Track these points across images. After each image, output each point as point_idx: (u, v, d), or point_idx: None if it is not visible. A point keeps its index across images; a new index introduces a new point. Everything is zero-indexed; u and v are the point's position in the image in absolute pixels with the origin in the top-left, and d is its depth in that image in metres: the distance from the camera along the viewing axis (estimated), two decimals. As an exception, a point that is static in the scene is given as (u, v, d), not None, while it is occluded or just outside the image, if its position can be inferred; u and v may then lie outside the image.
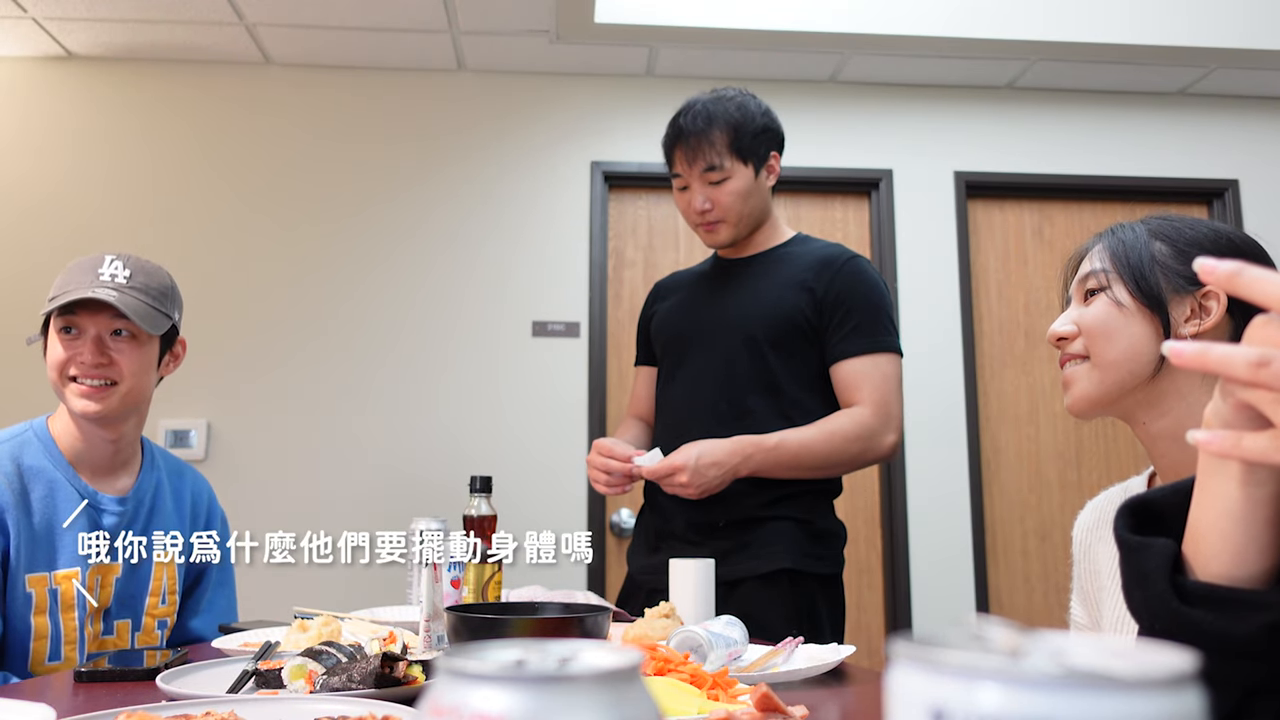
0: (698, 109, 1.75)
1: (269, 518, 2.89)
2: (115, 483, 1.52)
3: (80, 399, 1.44)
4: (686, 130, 1.74)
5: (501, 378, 3.13)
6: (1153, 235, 1.03)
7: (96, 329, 1.45)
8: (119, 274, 1.46)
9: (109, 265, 1.46)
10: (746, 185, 1.75)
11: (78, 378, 1.44)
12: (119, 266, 1.47)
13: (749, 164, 1.75)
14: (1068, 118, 3.45)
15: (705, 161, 1.73)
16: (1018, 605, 3.18)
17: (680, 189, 1.79)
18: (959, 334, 3.28)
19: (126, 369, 1.46)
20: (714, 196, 1.75)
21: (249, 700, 0.85)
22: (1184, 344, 0.58)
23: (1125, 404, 1.02)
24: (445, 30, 3.03)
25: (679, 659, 0.99)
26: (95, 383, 1.44)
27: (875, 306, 1.72)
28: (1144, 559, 0.69)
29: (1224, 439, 0.59)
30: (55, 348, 1.46)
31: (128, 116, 3.19)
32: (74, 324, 1.45)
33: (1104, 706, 0.26)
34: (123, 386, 1.46)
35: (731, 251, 1.86)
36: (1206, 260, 0.57)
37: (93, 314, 1.45)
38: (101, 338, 1.45)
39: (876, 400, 1.67)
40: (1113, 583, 1.08)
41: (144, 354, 1.49)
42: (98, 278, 1.45)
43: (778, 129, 1.81)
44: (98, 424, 1.46)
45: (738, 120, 1.74)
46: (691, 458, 1.59)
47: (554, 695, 0.29)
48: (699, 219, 1.77)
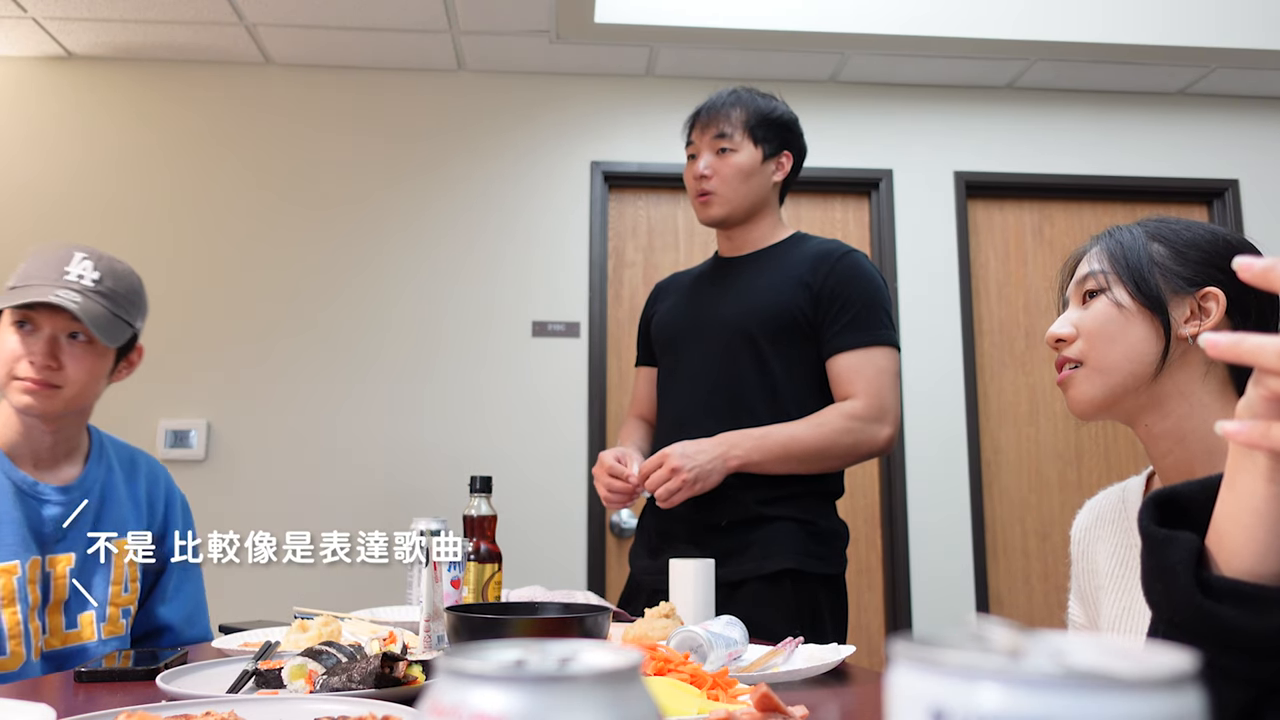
0: (725, 91, 1.84)
1: (268, 518, 2.90)
2: (58, 473, 1.46)
3: (22, 394, 1.38)
4: (710, 103, 1.82)
5: (501, 378, 3.13)
6: (1151, 237, 1.03)
7: (53, 329, 1.39)
8: (87, 274, 1.39)
9: (77, 263, 1.39)
10: (750, 164, 1.78)
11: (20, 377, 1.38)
12: (88, 266, 1.40)
13: (759, 146, 1.79)
14: (1068, 118, 3.45)
15: (717, 129, 1.78)
16: (1018, 605, 3.18)
17: (690, 157, 1.84)
18: (959, 334, 3.28)
19: (74, 375, 1.40)
20: (716, 165, 1.78)
21: (249, 700, 0.85)
22: (1218, 335, 0.59)
23: (1127, 406, 1.02)
24: (445, 30, 3.03)
25: (679, 659, 0.99)
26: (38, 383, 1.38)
27: (870, 300, 1.72)
28: (1168, 552, 0.69)
29: (1252, 429, 0.59)
30: (8, 340, 1.39)
31: (128, 116, 3.19)
32: (30, 319, 1.39)
33: (1104, 706, 0.26)
34: (67, 392, 1.40)
35: (730, 250, 1.86)
36: (1244, 258, 0.59)
37: (51, 315, 1.39)
38: (56, 339, 1.39)
39: (870, 393, 1.67)
40: (1111, 582, 1.08)
41: (96, 362, 1.44)
42: (63, 276, 1.38)
43: (798, 134, 1.85)
44: (36, 418, 1.42)
45: (760, 105, 1.81)
46: (677, 448, 1.61)
47: (554, 695, 0.29)
48: (697, 185, 1.81)
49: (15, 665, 1.34)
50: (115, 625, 1.47)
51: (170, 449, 3.00)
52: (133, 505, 1.54)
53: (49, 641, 1.40)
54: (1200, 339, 0.61)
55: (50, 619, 1.41)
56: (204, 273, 3.10)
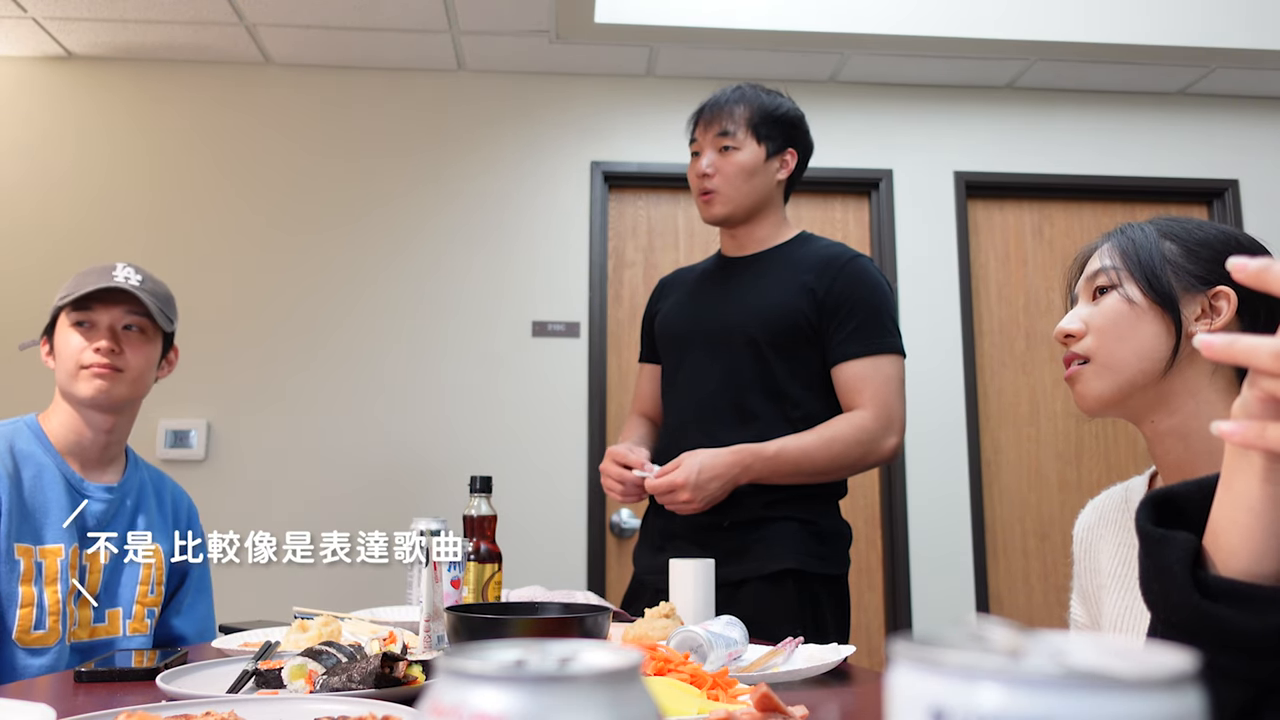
0: (731, 87, 1.82)
1: (268, 518, 2.90)
2: (103, 475, 1.59)
3: (92, 379, 1.52)
4: (714, 100, 1.81)
5: (501, 378, 3.13)
6: (1162, 235, 1.03)
7: (110, 320, 1.55)
8: (131, 277, 1.56)
9: (121, 270, 1.57)
10: (753, 163, 1.77)
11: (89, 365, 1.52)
12: (130, 271, 1.57)
13: (762, 144, 1.77)
14: (1068, 118, 3.45)
15: (720, 127, 1.77)
16: (1018, 605, 3.18)
17: (694, 155, 1.82)
18: (959, 334, 3.28)
19: (133, 361, 1.56)
20: (719, 164, 1.77)
21: (249, 700, 0.85)
22: (1213, 336, 0.59)
23: (1135, 403, 1.02)
24: (445, 30, 3.03)
25: (679, 659, 0.99)
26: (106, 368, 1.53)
27: (876, 307, 1.71)
28: (1165, 552, 0.69)
29: (1247, 429, 0.60)
30: (70, 340, 1.54)
31: (128, 116, 3.19)
32: (88, 318, 1.55)
33: (1104, 706, 0.26)
34: (129, 375, 1.55)
35: (734, 248, 1.86)
36: (1238, 258, 0.59)
37: (108, 306, 1.55)
38: (115, 328, 1.55)
39: (878, 403, 1.67)
40: (1113, 582, 1.08)
41: (150, 350, 1.60)
42: (112, 279, 1.55)
43: (804, 131, 1.84)
44: (101, 409, 1.55)
45: (764, 103, 1.79)
46: (693, 473, 1.60)
47: (554, 695, 0.29)
48: (700, 184, 1.80)
49: (52, 641, 1.44)
50: (140, 624, 1.57)
51: (170, 449, 3.00)
52: (160, 517, 1.66)
53: (76, 633, 1.48)
54: (1195, 339, 0.60)
55: (80, 611, 1.50)
56: (204, 272, 3.10)
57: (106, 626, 1.53)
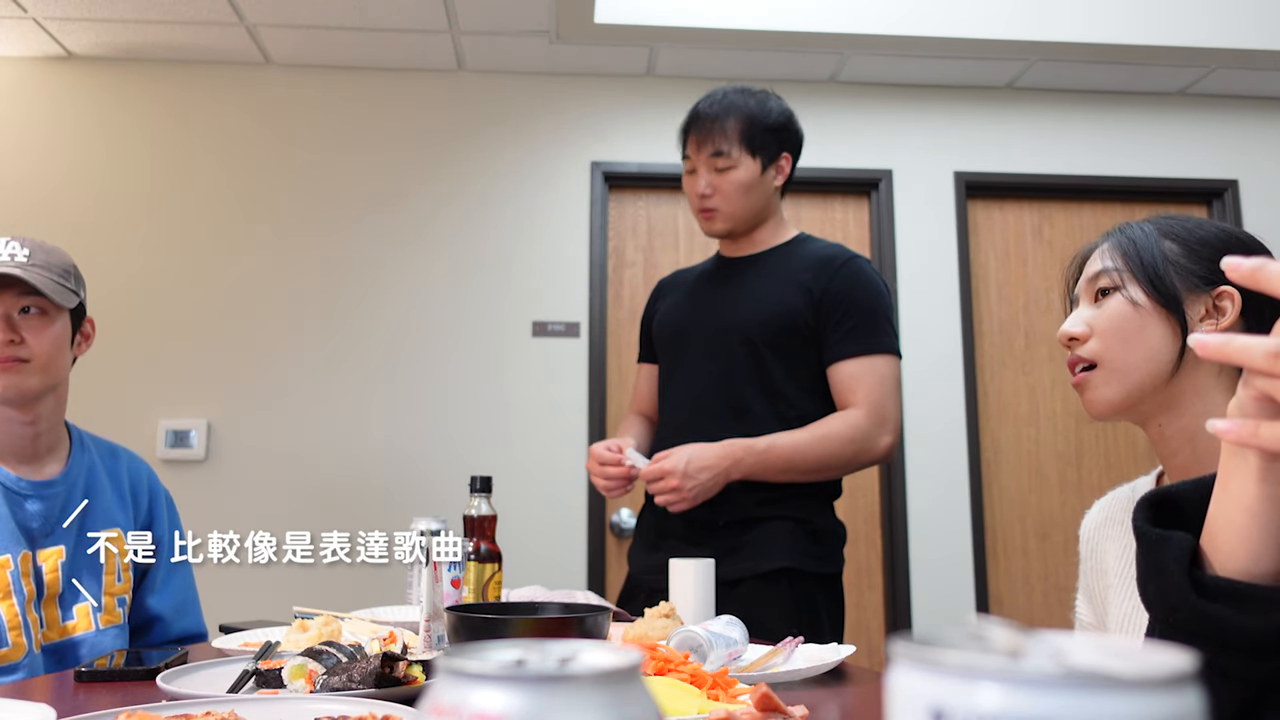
0: (718, 96, 1.78)
1: (268, 518, 2.90)
2: (40, 469, 1.47)
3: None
4: (703, 114, 1.77)
5: (501, 378, 3.13)
6: (1162, 234, 1.01)
7: (3, 309, 1.40)
8: (18, 254, 1.40)
9: (5, 246, 1.41)
10: (750, 178, 1.76)
11: None
12: (16, 247, 1.41)
13: (757, 158, 1.76)
14: (1068, 118, 3.45)
15: (714, 146, 1.75)
16: (1018, 605, 3.18)
17: (689, 172, 1.81)
18: (959, 334, 3.29)
19: (37, 347, 1.41)
20: (717, 183, 1.76)
21: (249, 700, 0.85)
22: (1208, 335, 0.59)
23: (1143, 407, 1.01)
24: (445, 30, 3.03)
25: (679, 659, 0.99)
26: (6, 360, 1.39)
27: (872, 308, 1.72)
28: (1162, 552, 0.69)
29: (1242, 428, 0.60)
30: None
31: (128, 116, 3.19)
32: None
33: (1104, 706, 0.26)
34: (36, 363, 1.41)
35: (733, 250, 1.86)
36: (1232, 258, 0.59)
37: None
38: (10, 316, 1.40)
39: (872, 402, 1.67)
40: (1119, 581, 1.08)
41: (55, 330, 1.44)
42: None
43: (795, 131, 1.82)
44: (14, 406, 1.42)
45: (754, 113, 1.76)
46: (681, 462, 1.60)
47: (554, 695, 0.29)
48: (699, 202, 1.79)
49: (19, 656, 1.35)
50: (112, 615, 1.48)
51: (170, 449, 3.00)
52: (117, 498, 1.55)
53: (46, 635, 1.41)
54: (1190, 340, 0.60)
55: (46, 612, 1.42)
56: (204, 272, 3.10)
57: (75, 624, 1.44)
